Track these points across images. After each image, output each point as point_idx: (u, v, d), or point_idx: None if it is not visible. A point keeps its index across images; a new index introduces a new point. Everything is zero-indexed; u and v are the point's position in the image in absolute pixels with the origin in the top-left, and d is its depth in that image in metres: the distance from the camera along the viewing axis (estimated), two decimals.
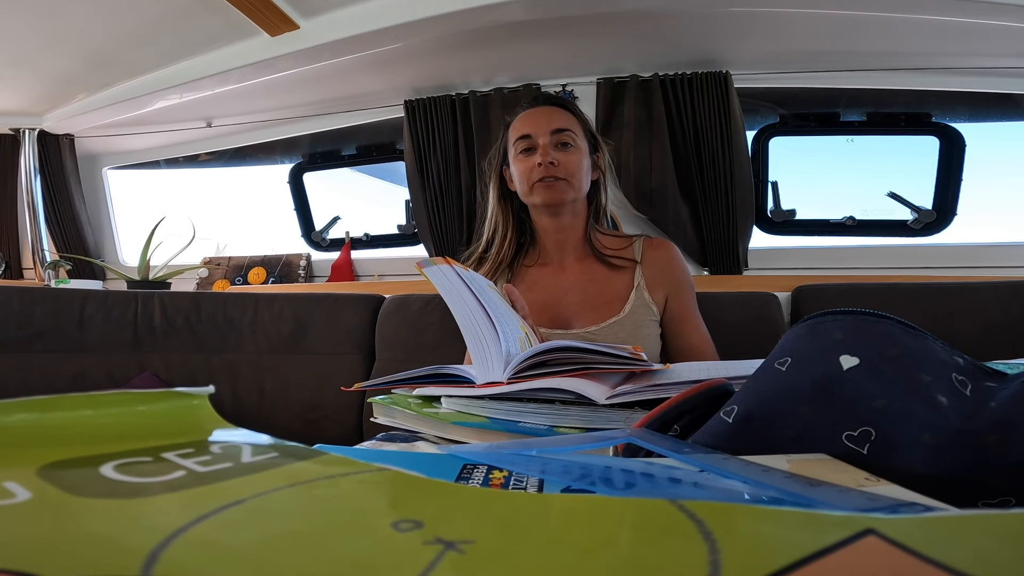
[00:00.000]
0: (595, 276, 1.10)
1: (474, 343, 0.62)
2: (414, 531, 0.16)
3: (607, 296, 1.07)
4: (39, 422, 0.21)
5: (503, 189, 1.15)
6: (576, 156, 1.06)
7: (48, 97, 2.19)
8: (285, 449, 0.24)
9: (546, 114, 1.08)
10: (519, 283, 1.11)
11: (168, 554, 0.13)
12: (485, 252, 1.17)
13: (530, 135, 1.06)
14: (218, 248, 2.62)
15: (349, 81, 2.01)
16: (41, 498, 0.16)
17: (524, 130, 1.07)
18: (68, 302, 1.49)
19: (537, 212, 1.11)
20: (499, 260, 1.13)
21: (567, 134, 1.06)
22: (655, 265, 1.09)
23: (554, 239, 1.12)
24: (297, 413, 1.43)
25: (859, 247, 1.87)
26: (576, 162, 1.06)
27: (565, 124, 1.06)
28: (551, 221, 1.10)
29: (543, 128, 1.05)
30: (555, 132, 1.05)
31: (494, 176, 1.15)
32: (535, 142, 1.05)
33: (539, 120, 1.07)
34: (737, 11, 1.55)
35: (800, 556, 0.13)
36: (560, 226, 1.10)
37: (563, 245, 1.12)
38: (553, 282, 1.10)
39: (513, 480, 0.32)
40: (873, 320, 0.35)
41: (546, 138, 1.05)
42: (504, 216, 1.15)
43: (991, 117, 1.83)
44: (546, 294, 1.09)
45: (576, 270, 1.11)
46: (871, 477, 0.27)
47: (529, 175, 1.05)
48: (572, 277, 1.10)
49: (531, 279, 1.12)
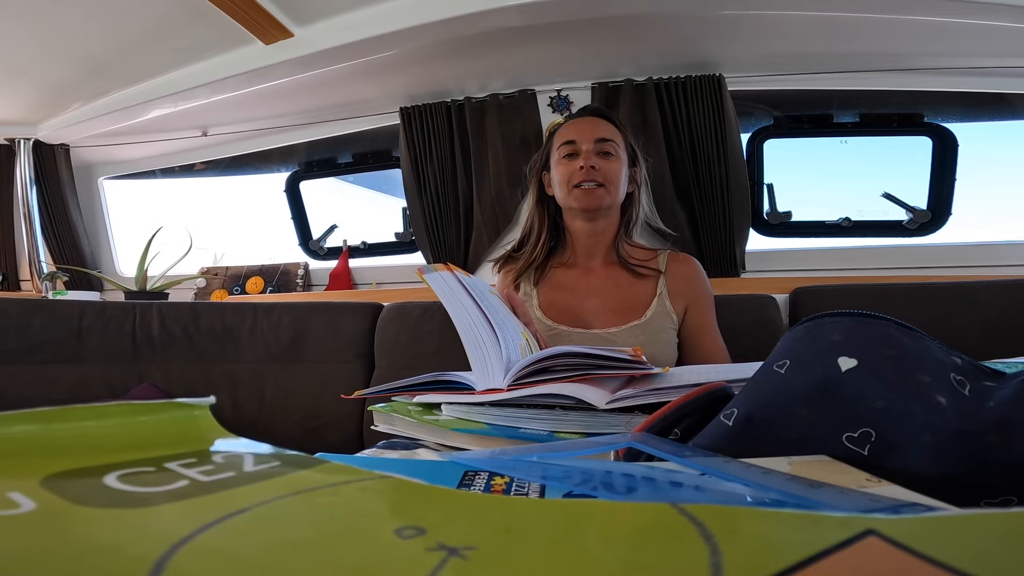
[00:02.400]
0: (619, 281, 1.13)
1: (474, 349, 0.62)
2: (417, 538, 0.16)
3: (630, 301, 1.10)
4: (42, 433, 0.21)
5: (541, 193, 1.19)
6: (616, 165, 1.11)
7: (43, 107, 2.19)
8: (287, 458, 0.24)
9: (592, 124, 1.13)
10: (545, 282, 1.16)
11: (174, 563, 0.13)
12: (516, 251, 1.21)
13: (575, 141, 1.11)
14: (215, 258, 2.62)
15: (344, 89, 2.02)
16: (46, 508, 0.16)
17: (569, 136, 1.12)
18: (66, 313, 1.49)
19: (572, 215, 1.15)
20: (531, 260, 1.17)
21: (610, 144, 1.11)
22: (679, 277, 1.13)
23: (585, 243, 1.15)
24: (297, 422, 1.42)
25: (855, 248, 1.87)
26: (616, 170, 1.10)
27: (609, 135, 1.12)
28: (585, 225, 1.14)
29: (588, 136, 1.10)
30: (599, 141, 1.10)
31: (534, 180, 1.20)
32: (579, 148, 1.10)
33: (585, 128, 1.12)
34: (729, 14, 1.56)
35: (801, 557, 0.13)
36: (593, 231, 1.14)
37: (593, 250, 1.15)
38: (578, 283, 1.14)
39: (515, 486, 0.32)
40: (871, 321, 0.36)
41: (590, 145, 1.10)
42: (540, 218, 1.19)
43: (983, 117, 1.84)
44: (570, 294, 1.12)
45: (602, 274, 1.14)
46: (872, 478, 0.27)
47: (570, 178, 1.09)
48: (597, 280, 1.14)
49: (557, 279, 1.16)
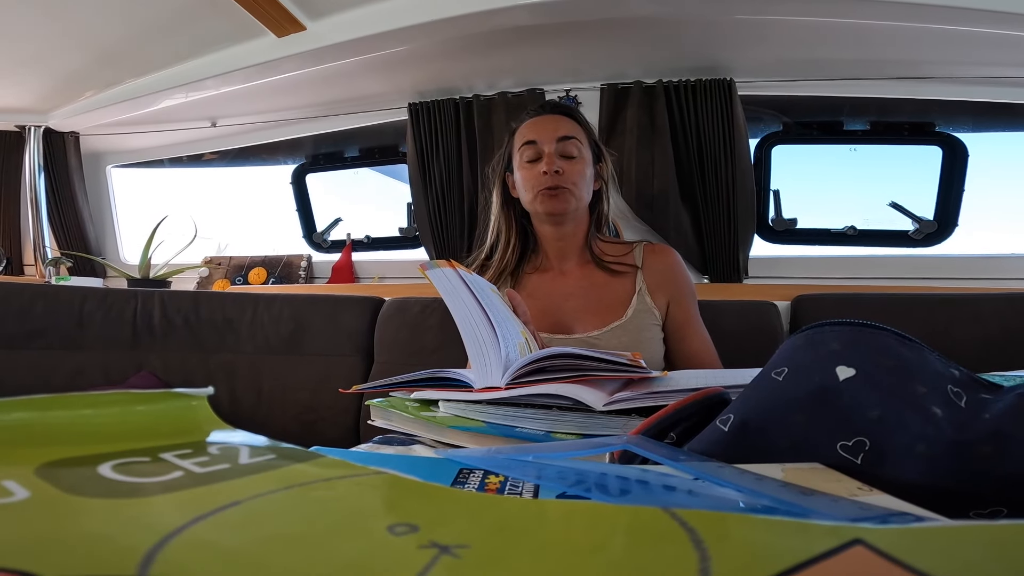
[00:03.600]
0: (596, 281, 1.09)
1: (473, 347, 0.62)
2: (409, 535, 0.16)
3: (609, 301, 1.07)
4: (38, 421, 0.21)
5: (506, 195, 1.15)
6: (580, 166, 1.06)
7: (54, 95, 2.20)
8: (282, 451, 0.24)
9: (552, 122, 1.08)
10: (520, 289, 1.11)
11: (165, 554, 0.13)
12: (488, 259, 1.17)
13: (535, 141, 1.06)
14: (219, 248, 2.62)
15: (353, 83, 2.02)
16: (39, 497, 0.16)
17: (530, 136, 1.07)
18: (68, 299, 1.49)
19: (539, 220, 1.11)
20: (503, 266, 1.13)
21: (572, 142, 1.06)
22: (656, 270, 1.09)
23: (555, 247, 1.12)
24: (294, 414, 1.43)
25: (859, 257, 1.86)
26: (579, 172, 1.06)
27: (570, 132, 1.07)
28: (553, 229, 1.10)
29: (549, 135, 1.06)
30: (560, 140, 1.05)
31: (497, 182, 1.15)
32: (540, 149, 1.05)
33: (545, 127, 1.07)
34: (742, 19, 1.55)
35: (788, 565, 0.13)
36: (562, 234, 1.10)
37: (564, 252, 1.12)
38: (553, 288, 1.10)
39: (509, 485, 0.32)
40: (870, 331, 0.35)
41: (551, 145, 1.05)
42: (507, 222, 1.15)
43: (994, 127, 1.84)
44: (547, 300, 1.08)
45: (577, 275, 1.11)
46: (864, 487, 0.27)
47: (534, 183, 1.05)
48: (573, 282, 1.10)
49: (532, 285, 1.12)
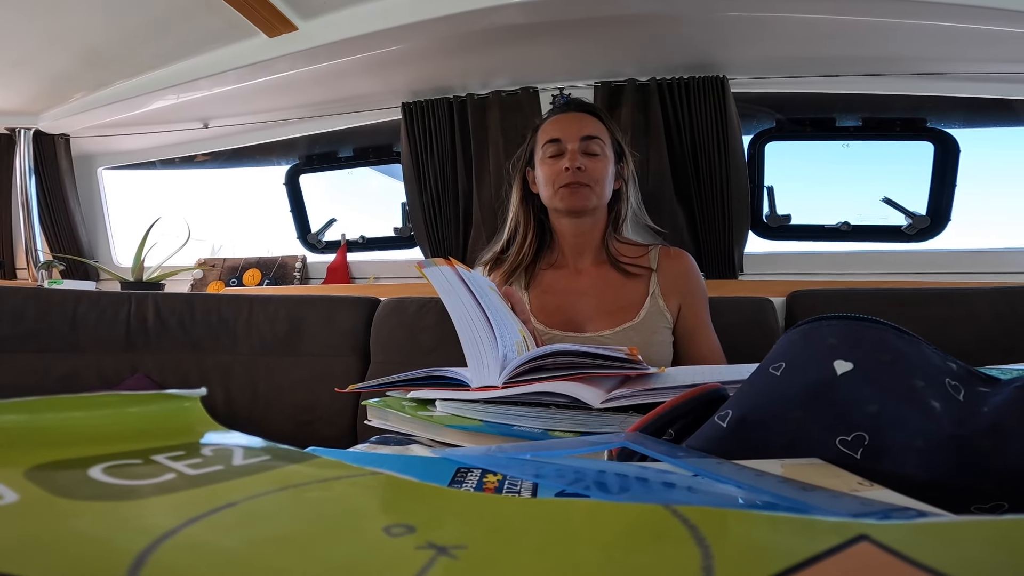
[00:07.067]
0: (610, 281, 1.10)
1: (470, 346, 0.62)
2: (406, 536, 0.16)
3: (622, 302, 1.07)
4: (29, 423, 0.21)
5: (525, 190, 1.15)
6: (602, 164, 1.07)
7: (44, 96, 2.18)
8: (277, 452, 0.24)
9: (577, 120, 1.09)
10: (535, 285, 1.12)
11: (156, 557, 0.13)
12: (504, 252, 1.17)
13: (560, 139, 1.07)
14: (213, 249, 2.61)
15: (346, 83, 2.01)
16: (28, 500, 0.16)
17: (554, 134, 1.08)
18: (61, 302, 1.48)
19: (558, 216, 1.12)
20: (518, 261, 1.13)
21: (596, 142, 1.06)
22: (671, 274, 1.10)
23: (572, 243, 1.12)
24: (291, 415, 1.42)
25: (853, 252, 1.87)
26: (602, 169, 1.06)
27: (595, 131, 1.07)
28: (571, 225, 1.11)
29: (573, 133, 1.06)
30: (584, 139, 1.06)
31: (517, 177, 1.16)
32: (564, 146, 1.06)
33: (570, 125, 1.08)
34: (735, 16, 1.55)
35: (793, 562, 0.13)
36: (580, 231, 1.11)
37: (581, 250, 1.12)
38: (568, 285, 1.11)
39: (507, 484, 0.32)
40: (867, 325, 0.35)
41: (575, 143, 1.05)
42: (525, 217, 1.15)
43: (986, 123, 1.84)
44: (561, 297, 1.09)
45: (592, 274, 1.11)
46: (864, 482, 0.27)
47: (556, 179, 1.06)
48: (587, 281, 1.11)
49: (547, 281, 1.12)
